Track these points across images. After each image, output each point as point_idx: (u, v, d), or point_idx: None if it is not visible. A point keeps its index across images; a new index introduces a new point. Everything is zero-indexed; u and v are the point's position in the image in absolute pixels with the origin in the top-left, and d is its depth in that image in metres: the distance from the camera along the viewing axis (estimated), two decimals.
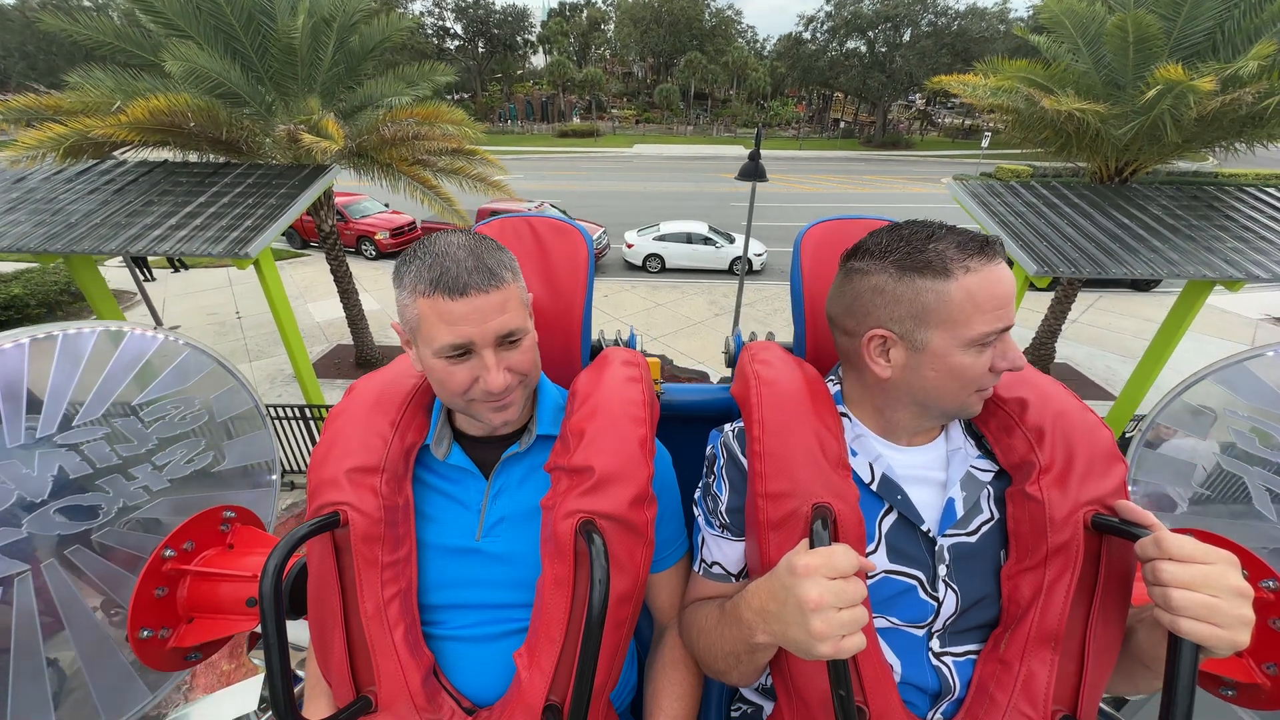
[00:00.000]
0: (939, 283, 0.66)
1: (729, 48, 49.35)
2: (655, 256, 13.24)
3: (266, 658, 0.64)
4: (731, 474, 0.82)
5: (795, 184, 25.64)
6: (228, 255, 4.62)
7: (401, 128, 6.77)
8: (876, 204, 20.93)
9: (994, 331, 0.66)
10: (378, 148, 6.94)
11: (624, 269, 13.71)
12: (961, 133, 47.04)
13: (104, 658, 0.98)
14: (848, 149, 41.62)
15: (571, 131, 44.10)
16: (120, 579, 1.00)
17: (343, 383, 8.56)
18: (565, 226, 1.07)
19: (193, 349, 1.14)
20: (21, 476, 0.90)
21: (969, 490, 0.75)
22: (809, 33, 43.13)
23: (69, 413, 0.96)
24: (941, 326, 0.67)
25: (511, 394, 0.76)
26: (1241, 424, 0.98)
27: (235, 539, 1.07)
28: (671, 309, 11.56)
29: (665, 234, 13.17)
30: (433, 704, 0.73)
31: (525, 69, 54.35)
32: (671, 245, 13.12)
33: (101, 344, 1.02)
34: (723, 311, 11.51)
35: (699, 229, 13.26)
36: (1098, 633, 0.66)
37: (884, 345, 0.73)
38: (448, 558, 0.81)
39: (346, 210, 13.87)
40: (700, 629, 0.79)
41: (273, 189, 5.46)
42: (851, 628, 0.55)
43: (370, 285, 12.84)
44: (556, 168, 29.57)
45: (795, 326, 1.08)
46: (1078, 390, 7.93)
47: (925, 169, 31.53)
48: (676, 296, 12.20)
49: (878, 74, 39.03)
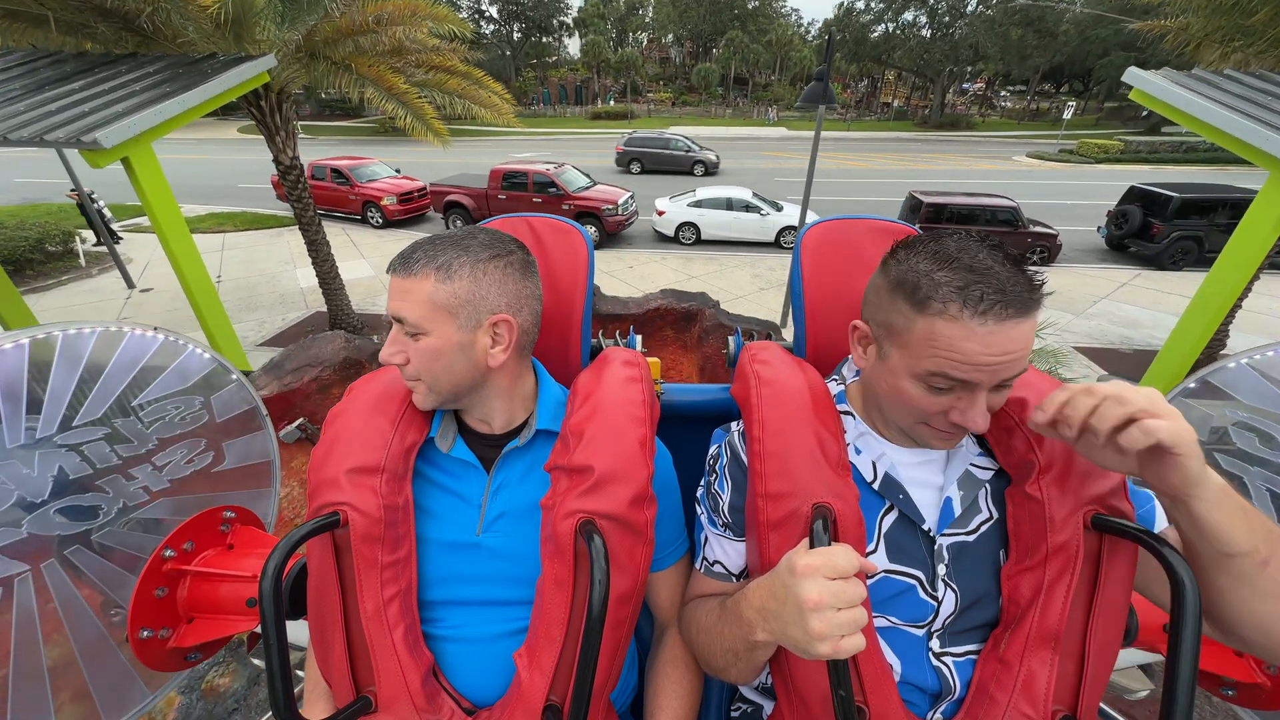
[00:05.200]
0: (910, 311, 0.65)
1: (771, 26, 46.91)
2: (690, 226, 11.48)
3: (266, 658, 0.63)
4: (734, 473, 0.83)
5: (848, 160, 23.39)
6: (72, 142, 3.15)
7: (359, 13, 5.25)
8: (943, 180, 18.51)
9: (942, 376, 0.63)
10: (331, 41, 5.43)
11: (653, 240, 12.00)
12: (1029, 114, 43.34)
13: (104, 658, 0.98)
14: (901, 129, 38.38)
15: (605, 114, 41.58)
16: (120, 579, 1.01)
17: None
18: (565, 226, 1.07)
19: (193, 348, 1.13)
20: (21, 476, 0.90)
21: (966, 490, 0.74)
22: (862, 2, 40.22)
23: (69, 413, 0.96)
24: (900, 349, 0.67)
25: (409, 379, 0.79)
26: (1242, 424, 0.98)
27: (235, 539, 1.07)
28: (708, 283, 9.78)
29: (702, 199, 11.36)
30: (433, 704, 0.73)
31: (560, 55, 53.20)
32: (709, 213, 11.34)
33: (101, 344, 1.01)
34: (769, 286, 9.65)
35: (741, 194, 11.41)
36: (1098, 633, 0.65)
37: (865, 340, 0.75)
38: (448, 553, 0.81)
39: (352, 174, 12.83)
40: (700, 625, 0.79)
41: (183, 81, 3.99)
42: (850, 628, 0.54)
43: (370, 252, 11.54)
44: (587, 146, 27.77)
45: (795, 327, 1.07)
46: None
47: (991, 148, 28.51)
48: (714, 270, 10.41)
49: (940, 45, 35.95)
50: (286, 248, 11.56)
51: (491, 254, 0.77)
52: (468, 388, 0.80)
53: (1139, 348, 7.60)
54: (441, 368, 0.76)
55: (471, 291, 0.75)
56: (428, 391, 0.79)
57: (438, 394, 0.79)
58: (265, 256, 11.11)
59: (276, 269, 10.37)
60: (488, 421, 0.85)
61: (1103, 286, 9.61)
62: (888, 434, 0.78)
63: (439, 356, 0.75)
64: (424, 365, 0.76)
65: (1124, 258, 10.98)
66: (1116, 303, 9.00)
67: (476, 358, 0.78)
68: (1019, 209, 10.25)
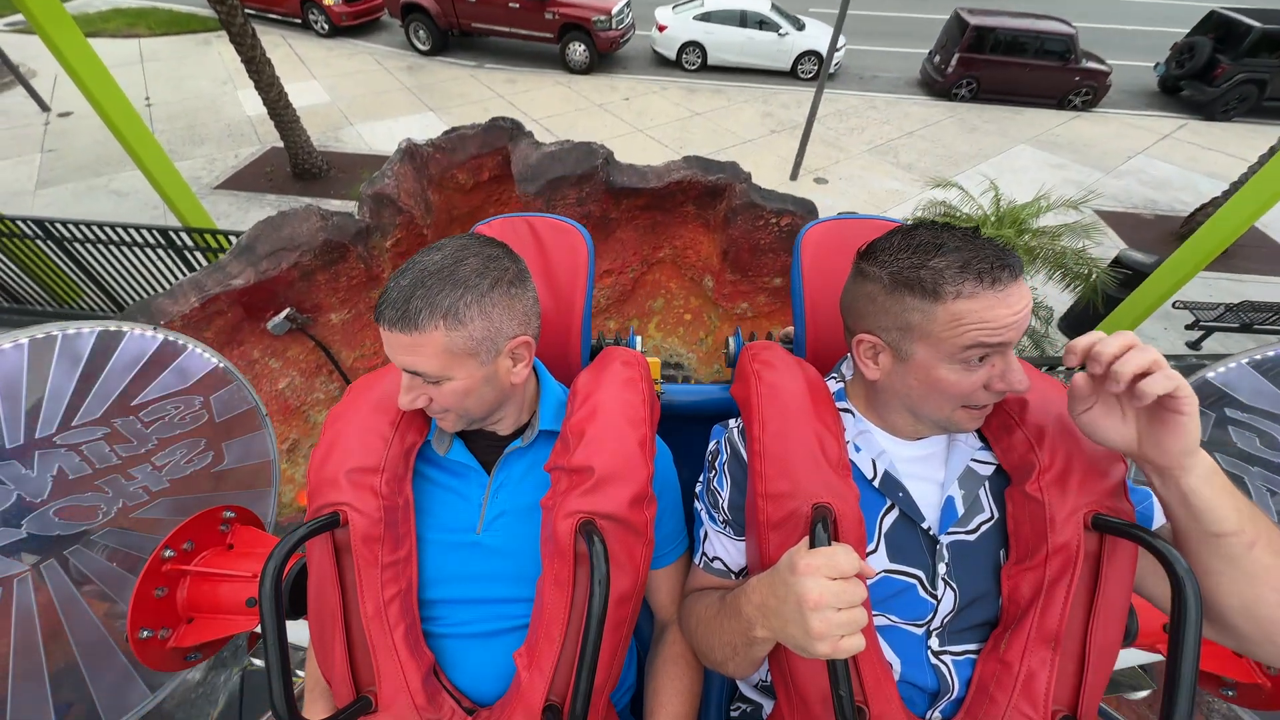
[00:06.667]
0: (926, 303, 0.66)
1: None
2: (695, 46, 9.92)
3: (266, 658, 0.63)
4: (734, 470, 0.83)
5: None
6: None
7: None
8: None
9: (978, 346, 0.65)
10: None
11: (652, 64, 10.42)
12: None
13: (104, 658, 0.97)
14: None
15: None
16: (120, 579, 1.00)
17: (273, 199, 6.51)
18: (565, 226, 1.06)
19: (193, 348, 1.12)
20: (21, 477, 0.89)
21: (967, 487, 0.75)
22: None
23: (68, 413, 0.95)
24: (924, 341, 0.68)
25: (435, 413, 0.78)
26: (1242, 424, 0.98)
27: (235, 539, 1.07)
28: (713, 120, 8.78)
29: (710, 10, 9.72)
30: (433, 704, 0.73)
31: None
32: (718, 30, 9.78)
33: (101, 344, 1.00)
34: (782, 127, 8.70)
35: (757, 6, 9.65)
36: (1098, 633, 0.65)
37: (873, 350, 0.74)
38: (448, 552, 0.81)
39: None
40: (700, 618, 0.79)
41: None
42: (850, 629, 0.54)
43: (321, 70, 9.94)
44: None
45: (795, 327, 1.08)
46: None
47: None
48: (720, 104, 9.28)
49: None
50: (220, 61, 9.81)
51: (491, 281, 0.72)
52: (497, 407, 0.81)
53: (1161, 213, 7.20)
54: (473, 401, 0.76)
55: (485, 328, 0.72)
56: (458, 419, 0.78)
57: (468, 420, 0.79)
58: (197, 73, 9.49)
59: (215, 90, 8.91)
60: (498, 427, 0.85)
61: (1141, 139, 8.85)
62: (890, 429, 0.79)
63: (469, 394, 0.75)
64: (453, 403, 0.75)
65: (1173, 104, 9.92)
66: (1151, 159, 8.38)
67: (500, 381, 0.78)
68: (1074, 37, 8.93)
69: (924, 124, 9.03)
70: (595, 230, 2.94)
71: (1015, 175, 7.65)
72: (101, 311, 4.68)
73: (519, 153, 2.74)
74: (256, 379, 2.58)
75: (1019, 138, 8.80)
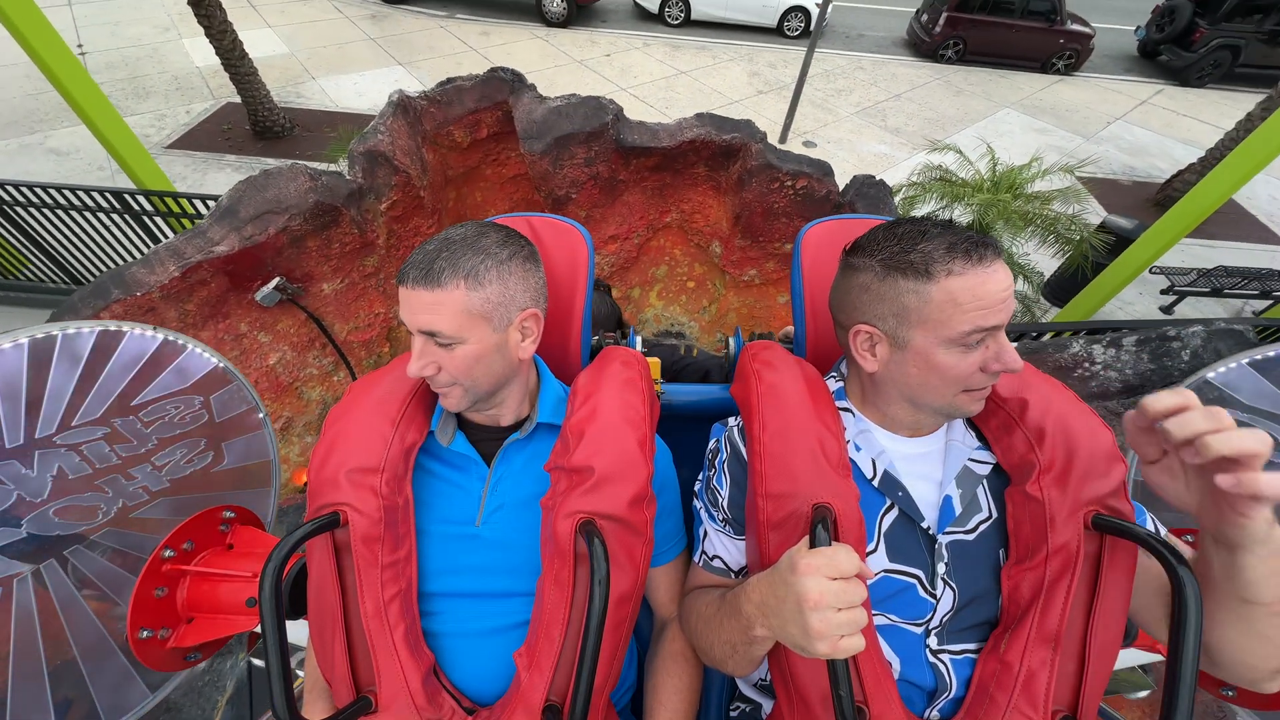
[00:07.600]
0: (920, 284, 0.67)
1: None
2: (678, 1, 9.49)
3: (266, 658, 0.63)
4: (734, 469, 0.83)
5: None
6: None
7: None
8: None
9: (975, 330, 0.66)
10: None
11: (633, 17, 9.97)
12: None
13: (104, 658, 0.97)
14: None
15: None
16: (120, 579, 1.00)
17: (232, 160, 6.03)
18: (565, 226, 1.06)
19: (193, 348, 1.12)
20: (21, 476, 0.89)
21: (964, 486, 0.75)
22: None
23: (68, 413, 0.94)
24: (922, 326, 0.68)
25: (441, 386, 0.78)
26: (1241, 424, 0.91)
27: (235, 539, 1.07)
28: (698, 80, 8.49)
29: None
30: (433, 704, 0.73)
31: None
32: None
33: (101, 344, 0.99)
34: (769, 88, 8.48)
35: None
36: (1098, 633, 0.65)
37: (870, 341, 0.74)
38: (447, 544, 0.81)
39: None
40: (700, 616, 0.79)
41: None
42: (850, 629, 0.54)
43: (275, 17, 9.19)
44: None
45: (795, 326, 1.08)
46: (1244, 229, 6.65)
47: None
48: (706, 62, 8.97)
49: None
50: (160, 4, 8.93)
51: (510, 252, 0.78)
52: (504, 383, 0.82)
53: (1139, 179, 7.35)
54: (482, 371, 0.77)
55: (501, 294, 0.76)
56: (464, 394, 0.79)
57: (475, 395, 0.80)
58: (135, 17, 8.63)
59: (156, 37, 8.12)
60: (500, 415, 0.86)
61: (1119, 104, 8.94)
62: (889, 427, 0.79)
63: (479, 361, 0.76)
64: (462, 371, 0.76)
65: (1151, 68, 10.05)
66: (1129, 125, 8.49)
67: (510, 354, 0.79)
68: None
69: (911, 86, 8.89)
70: (602, 194, 2.78)
71: (1001, 140, 7.61)
72: (51, 284, 4.30)
73: (522, 107, 2.52)
74: (245, 354, 2.39)
75: (1004, 101, 8.77)
